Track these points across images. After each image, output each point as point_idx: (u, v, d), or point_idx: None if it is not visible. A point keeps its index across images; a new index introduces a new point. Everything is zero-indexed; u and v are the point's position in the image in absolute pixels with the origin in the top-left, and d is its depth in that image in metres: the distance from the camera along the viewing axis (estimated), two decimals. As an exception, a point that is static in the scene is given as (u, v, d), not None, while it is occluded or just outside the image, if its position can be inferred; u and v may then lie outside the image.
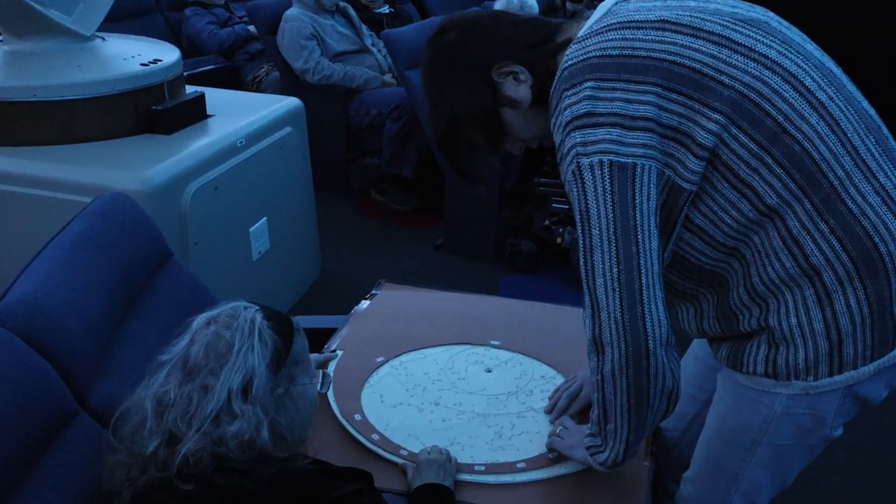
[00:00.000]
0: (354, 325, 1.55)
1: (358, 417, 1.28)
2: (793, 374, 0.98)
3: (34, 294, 1.10)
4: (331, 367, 1.41)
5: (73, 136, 2.05)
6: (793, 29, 1.00)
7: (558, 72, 0.98)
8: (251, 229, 2.30)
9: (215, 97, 2.42)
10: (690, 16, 0.95)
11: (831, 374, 0.96)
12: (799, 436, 1.03)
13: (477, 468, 1.18)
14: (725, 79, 0.91)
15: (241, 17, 4.06)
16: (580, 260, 0.95)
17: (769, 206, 0.93)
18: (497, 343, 1.50)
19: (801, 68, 0.94)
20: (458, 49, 1.06)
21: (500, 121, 1.07)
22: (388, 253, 3.14)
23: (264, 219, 2.35)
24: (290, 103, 2.56)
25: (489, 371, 1.42)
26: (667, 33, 0.93)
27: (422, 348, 1.48)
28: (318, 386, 1.09)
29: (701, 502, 1.17)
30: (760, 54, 0.93)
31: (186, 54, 3.47)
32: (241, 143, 2.23)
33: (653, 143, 0.91)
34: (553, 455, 1.20)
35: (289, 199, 2.52)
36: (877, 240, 0.93)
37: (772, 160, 0.92)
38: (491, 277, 2.92)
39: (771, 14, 1.00)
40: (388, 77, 3.58)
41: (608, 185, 0.91)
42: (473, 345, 1.49)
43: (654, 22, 0.95)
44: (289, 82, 3.51)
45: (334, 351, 1.46)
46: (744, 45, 0.93)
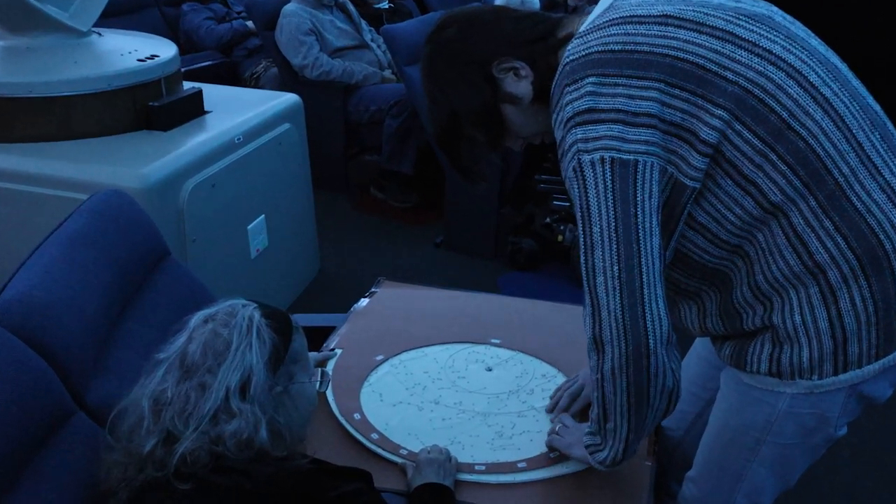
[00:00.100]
0: (353, 324, 1.55)
1: (357, 416, 1.28)
2: (797, 373, 0.97)
3: (30, 292, 1.09)
4: (330, 366, 1.40)
5: (70, 132, 2.04)
6: (797, 24, 1.00)
7: (560, 67, 0.97)
8: (249, 227, 2.29)
9: (213, 93, 2.42)
10: (693, 10, 0.94)
11: (836, 373, 0.96)
12: (803, 435, 1.02)
13: (477, 468, 1.17)
14: (729, 74, 0.91)
15: (239, 13, 4.05)
16: (581, 257, 0.94)
17: (773, 204, 0.93)
18: (498, 341, 1.49)
19: (805, 64, 0.93)
20: (458, 45, 1.05)
21: (501, 117, 1.06)
22: (387, 250, 3.13)
23: (262, 216, 2.35)
24: (289, 99, 2.55)
25: (490, 370, 1.41)
26: (669, 28, 0.93)
27: (422, 347, 1.47)
28: (317, 385, 1.09)
29: (704, 502, 1.17)
30: (764, 49, 0.92)
31: (184, 50, 3.45)
32: (238, 139, 2.22)
33: (655, 140, 0.90)
34: (554, 455, 1.19)
35: (287, 197, 2.52)
36: (882, 237, 0.93)
37: (776, 157, 0.91)
38: (491, 275, 2.91)
39: (775, 9, 1.00)
40: (387, 73, 3.56)
41: (609, 182, 0.90)
42: (474, 343, 1.49)
43: (657, 17, 0.94)
44: (287, 78, 3.50)
45: (333, 349, 1.45)
46: (748, 41, 0.92)
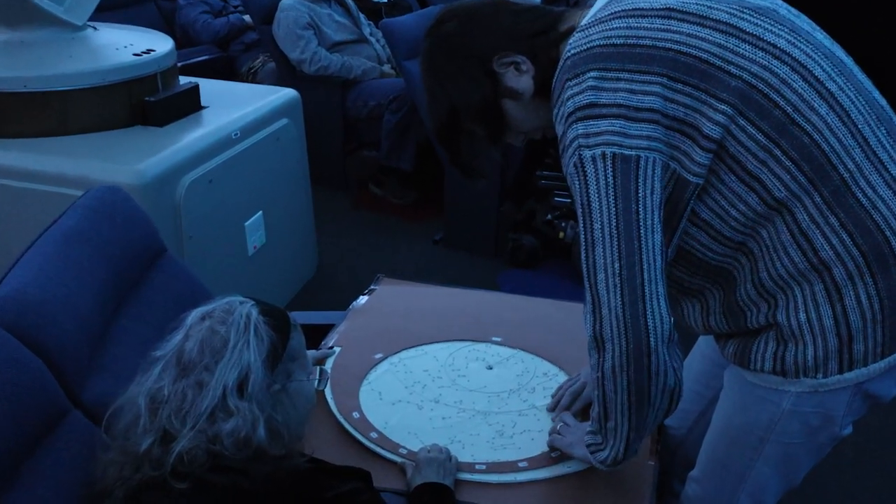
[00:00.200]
0: (352, 321, 1.54)
1: (356, 415, 1.27)
2: (801, 372, 0.96)
3: (24, 289, 1.09)
4: (328, 364, 1.39)
5: (65, 127, 2.02)
6: (802, 17, 0.99)
7: (561, 62, 0.97)
8: (247, 223, 2.28)
9: (210, 88, 2.41)
10: (697, 4, 0.93)
11: (841, 372, 0.95)
12: (807, 434, 1.02)
13: (478, 467, 1.17)
14: (733, 69, 0.90)
15: (236, 7, 4.03)
16: (582, 254, 0.93)
17: (778, 200, 0.92)
18: (498, 339, 1.48)
19: (810, 58, 0.92)
20: (458, 39, 1.04)
21: (501, 112, 1.05)
22: (386, 247, 3.12)
23: (260, 213, 2.34)
24: (287, 95, 2.54)
25: (490, 368, 1.40)
26: (672, 21, 0.92)
27: (421, 345, 1.46)
28: (316, 383, 1.08)
29: (707, 502, 1.16)
30: (769, 43, 0.91)
31: (180, 44, 3.42)
32: (236, 135, 2.21)
33: (657, 136, 0.89)
34: (555, 454, 1.18)
35: (285, 193, 2.51)
36: (888, 233, 0.92)
37: (780, 152, 0.90)
38: (491, 272, 2.90)
39: (779, 2, 0.99)
40: (386, 68, 3.55)
41: (611, 178, 0.89)
42: (474, 341, 1.48)
43: (660, 10, 0.93)
44: (285, 73, 3.49)
45: (332, 347, 1.44)
46: (752, 34, 0.91)
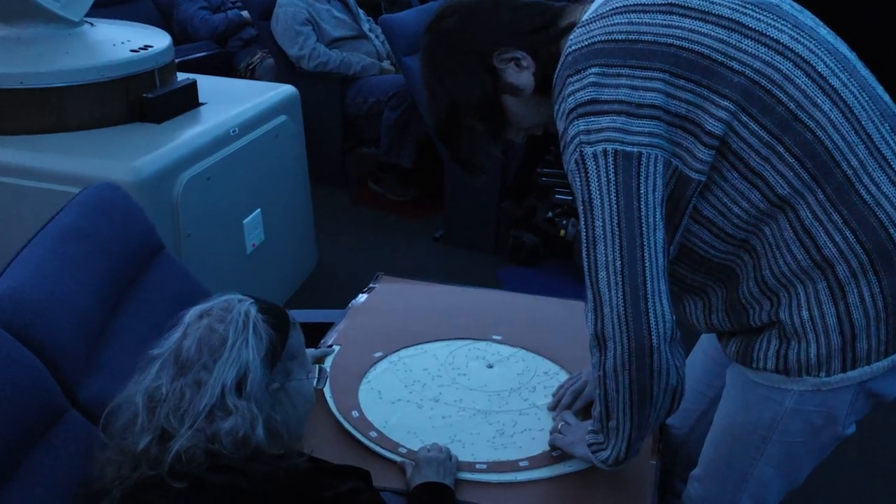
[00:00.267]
0: (352, 320, 1.53)
1: (355, 414, 1.26)
2: (804, 370, 0.96)
3: (21, 287, 1.09)
4: (327, 363, 1.39)
5: (61, 124, 2.01)
6: (805, 12, 0.98)
7: (562, 57, 0.96)
8: (245, 221, 2.27)
9: (208, 85, 2.40)
10: (699, -1, 0.92)
11: (844, 370, 0.94)
12: (810, 433, 1.01)
13: (478, 466, 1.16)
14: (735, 64, 0.89)
15: (234, 3, 4.02)
16: (583, 252, 0.92)
17: (780, 197, 0.91)
18: (499, 338, 1.47)
19: (813, 53, 0.91)
20: (458, 35, 1.03)
21: (501, 108, 1.05)
22: (386, 245, 3.11)
23: (259, 210, 2.33)
24: (285, 91, 2.54)
25: (491, 367, 1.40)
26: (674, 17, 0.91)
27: (421, 343, 1.45)
28: (315, 381, 1.08)
29: (709, 501, 1.16)
30: (772, 39, 0.90)
31: (178, 40, 3.42)
32: (234, 131, 2.20)
33: (659, 132, 0.89)
34: (556, 453, 1.18)
35: (284, 190, 2.50)
36: (892, 231, 0.91)
37: (783, 149, 0.90)
38: (491, 270, 2.90)
39: (782, -3, 0.97)
40: (386, 64, 3.54)
41: (612, 174, 0.88)
42: (474, 340, 1.47)
43: (662, 5, 0.92)
44: (284, 69, 3.48)
45: (331, 346, 1.44)
46: (754, 30, 0.90)
